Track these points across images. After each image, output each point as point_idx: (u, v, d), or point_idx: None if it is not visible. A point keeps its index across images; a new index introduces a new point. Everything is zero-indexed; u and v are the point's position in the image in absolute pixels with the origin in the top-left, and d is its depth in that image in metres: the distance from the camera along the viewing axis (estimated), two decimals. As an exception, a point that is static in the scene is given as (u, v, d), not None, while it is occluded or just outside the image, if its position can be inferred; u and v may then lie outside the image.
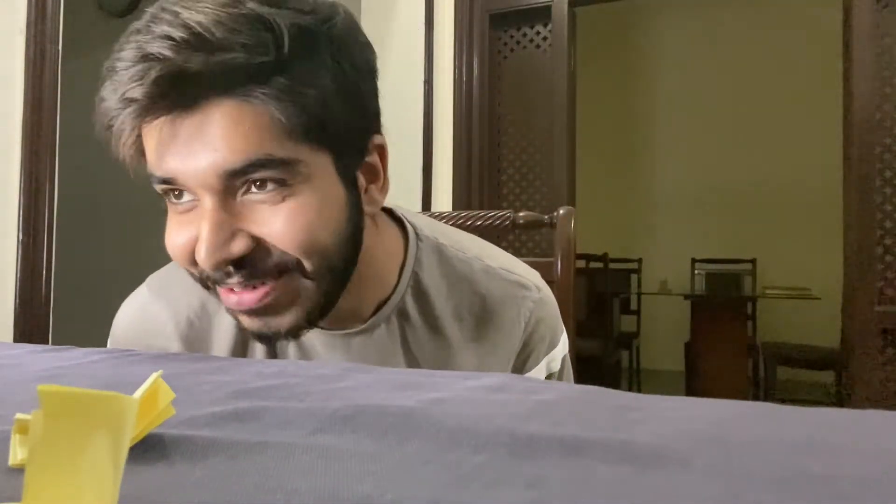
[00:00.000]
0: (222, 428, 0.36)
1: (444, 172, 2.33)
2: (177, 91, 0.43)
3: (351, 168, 0.51)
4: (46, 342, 1.68)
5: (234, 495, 0.26)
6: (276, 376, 0.50)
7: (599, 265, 3.69)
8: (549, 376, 0.67)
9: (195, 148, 0.44)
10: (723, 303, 3.63)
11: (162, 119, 0.44)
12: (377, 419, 0.36)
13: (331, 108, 0.47)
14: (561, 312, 0.81)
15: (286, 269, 0.49)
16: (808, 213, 4.44)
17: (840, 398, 2.57)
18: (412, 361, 0.61)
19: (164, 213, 0.52)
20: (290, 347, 0.60)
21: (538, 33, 2.37)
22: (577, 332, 0.82)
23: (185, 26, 0.42)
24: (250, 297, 0.49)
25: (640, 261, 4.51)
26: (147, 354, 0.64)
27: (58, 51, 1.69)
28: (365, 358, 0.60)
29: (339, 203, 0.50)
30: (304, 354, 0.60)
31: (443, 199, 2.33)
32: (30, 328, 1.62)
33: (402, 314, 0.61)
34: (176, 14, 0.43)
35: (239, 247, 0.47)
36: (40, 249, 1.65)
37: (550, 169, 2.32)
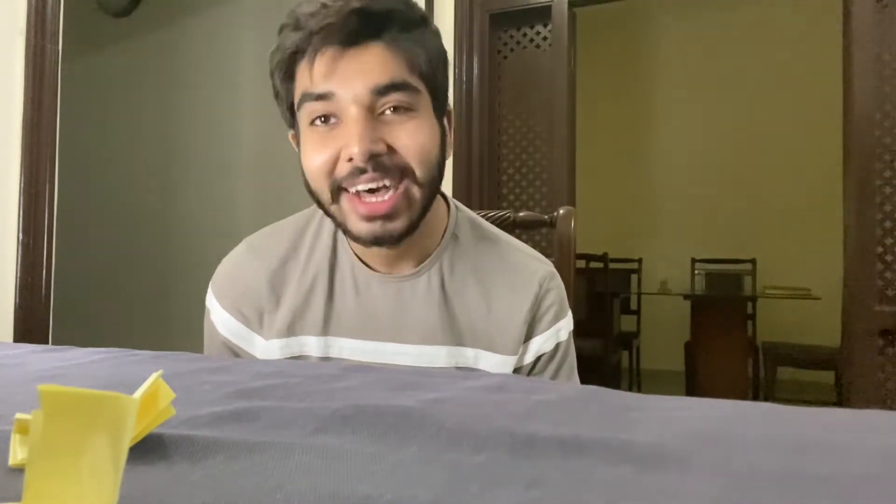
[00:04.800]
0: (222, 428, 0.35)
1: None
2: (358, 24, 0.62)
3: (441, 116, 0.70)
4: (46, 342, 1.68)
5: (234, 495, 0.26)
6: (275, 376, 0.50)
7: (599, 265, 3.68)
8: (557, 345, 0.77)
9: (354, 71, 0.63)
10: (723, 303, 3.62)
11: (333, 49, 0.62)
12: (377, 419, 0.36)
13: (437, 62, 0.68)
14: (561, 312, 0.81)
15: (404, 174, 0.65)
16: (808, 212, 4.43)
17: (840, 398, 2.57)
18: (447, 306, 0.74)
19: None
20: (349, 289, 0.74)
21: (538, 33, 2.37)
22: (577, 332, 0.83)
23: None
24: (383, 206, 0.64)
25: (640, 261, 4.51)
26: (147, 354, 0.64)
27: (58, 51, 1.69)
28: (411, 298, 0.73)
29: (437, 134, 0.68)
30: (361, 296, 0.74)
31: (443, 199, 2.32)
32: (30, 328, 1.62)
33: (443, 267, 0.75)
34: None
35: (380, 146, 0.63)
36: (40, 249, 1.65)
37: (550, 169, 2.32)
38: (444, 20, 2.35)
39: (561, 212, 0.97)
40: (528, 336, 0.75)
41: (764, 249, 4.36)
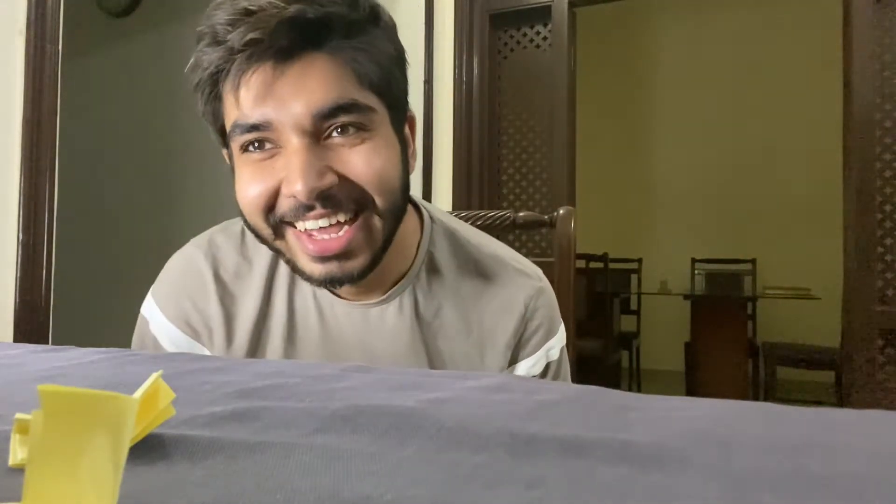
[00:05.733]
0: (222, 428, 0.35)
1: (444, 172, 2.33)
2: (290, 38, 0.50)
3: (401, 127, 0.60)
4: (46, 342, 1.68)
5: (234, 495, 0.26)
6: (275, 376, 0.50)
7: (599, 265, 3.69)
8: (547, 365, 0.70)
9: (292, 93, 0.52)
10: (723, 303, 3.62)
11: (263, 68, 0.52)
12: (377, 419, 0.36)
13: (392, 70, 0.57)
14: (561, 312, 0.81)
15: (362, 206, 0.56)
16: (808, 212, 4.44)
17: (840, 398, 2.56)
18: (422, 333, 0.66)
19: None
20: (312, 315, 0.66)
21: (538, 33, 2.37)
22: (577, 332, 0.82)
23: None
24: (336, 244, 0.55)
25: (640, 261, 4.51)
26: (147, 354, 0.64)
27: (58, 51, 1.69)
28: (380, 328, 0.65)
29: (397, 152, 0.59)
30: (326, 323, 0.65)
31: (443, 199, 2.33)
32: (30, 328, 1.62)
33: (416, 290, 0.66)
34: None
35: (328, 179, 0.53)
36: (40, 249, 1.65)
37: (550, 169, 2.32)
38: (444, 20, 2.35)
39: (561, 212, 0.97)
40: (514, 360, 0.68)
41: (764, 249, 4.36)
